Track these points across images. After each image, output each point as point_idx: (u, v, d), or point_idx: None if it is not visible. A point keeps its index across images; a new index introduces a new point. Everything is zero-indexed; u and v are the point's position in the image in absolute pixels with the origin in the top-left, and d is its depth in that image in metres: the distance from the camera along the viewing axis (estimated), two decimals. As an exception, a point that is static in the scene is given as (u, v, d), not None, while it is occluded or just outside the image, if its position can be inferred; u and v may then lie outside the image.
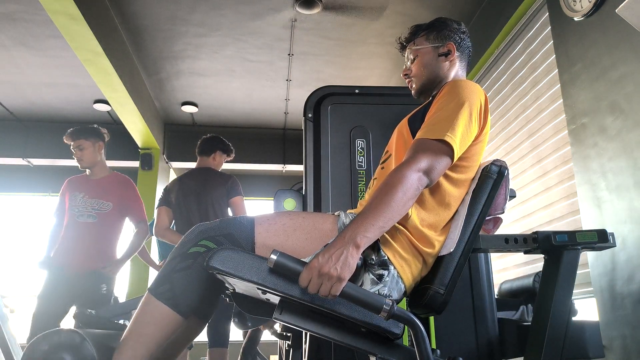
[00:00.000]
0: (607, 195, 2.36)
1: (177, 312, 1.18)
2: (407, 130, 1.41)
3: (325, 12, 4.11)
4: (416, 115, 1.44)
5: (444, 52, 1.51)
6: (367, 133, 2.02)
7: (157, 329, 1.18)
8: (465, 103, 1.29)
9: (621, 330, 2.23)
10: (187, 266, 1.18)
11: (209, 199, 3.08)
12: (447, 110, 1.29)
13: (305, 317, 1.13)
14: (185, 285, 1.18)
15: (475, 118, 1.31)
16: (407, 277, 1.23)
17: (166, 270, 1.20)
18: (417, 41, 1.54)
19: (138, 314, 1.20)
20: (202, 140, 3.44)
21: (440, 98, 1.34)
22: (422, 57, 1.52)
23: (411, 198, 1.17)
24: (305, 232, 1.24)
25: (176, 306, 1.17)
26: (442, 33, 1.52)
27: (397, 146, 1.43)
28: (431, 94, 1.53)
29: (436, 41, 1.52)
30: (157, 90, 5.64)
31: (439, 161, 1.22)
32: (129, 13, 4.20)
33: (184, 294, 1.18)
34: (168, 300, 1.17)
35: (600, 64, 2.47)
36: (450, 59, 1.51)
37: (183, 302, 1.18)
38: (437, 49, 1.51)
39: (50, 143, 6.42)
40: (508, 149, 3.55)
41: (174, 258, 1.21)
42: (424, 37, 1.53)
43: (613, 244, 1.42)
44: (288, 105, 6.04)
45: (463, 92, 1.32)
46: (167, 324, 1.18)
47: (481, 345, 1.74)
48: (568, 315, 1.36)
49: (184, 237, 1.23)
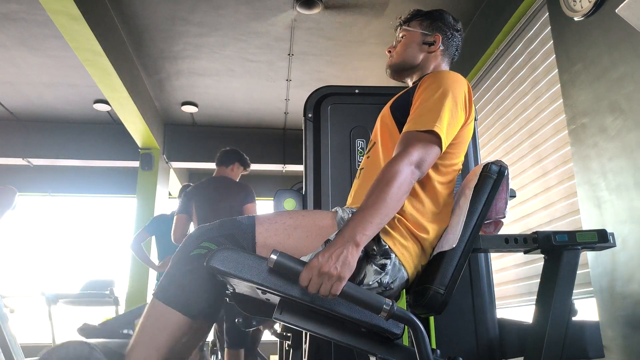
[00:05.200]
0: (607, 195, 2.36)
1: (187, 315, 1.17)
2: (390, 119, 1.44)
3: (325, 12, 4.11)
4: (398, 103, 1.46)
5: (428, 41, 1.54)
6: (367, 133, 2.02)
7: (167, 333, 1.17)
8: (449, 92, 1.32)
9: (621, 331, 2.23)
10: (191, 269, 1.17)
11: (227, 206, 3.25)
12: (432, 101, 1.31)
13: (305, 317, 1.13)
14: (191, 288, 1.17)
15: (461, 107, 1.34)
16: (409, 264, 1.24)
17: (171, 274, 1.20)
18: (411, 24, 1.59)
19: (145, 320, 1.19)
20: (222, 152, 3.61)
21: (424, 90, 1.36)
22: (408, 38, 1.57)
23: (406, 192, 1.19)
24: (306, 229, 1.24)
25: (186, 309, 1.17)
26: (435, 23, 1.56)
27: (382, 135, 1.45)
28: (403, 76, 1.58)
29: (427, 29, 1.56)
30: (157, 90, 5.64)
31: (429, 152, 1.25)
32: (129, 13, 4.20)
33: (192, 297, 1.17)
34: (177, 305, 1.17)
35: (600, 64, 2.47)
36: (433, 49, 1.54)
37: (192, 304, 1.17)
38: (424, 36, 1.55)
39: (50, 143, 6.43)
40: (508, 149, 3.54)
41: (177, 262, 1.21)
42: (418, 22, 1.58)
43: (613, 244, 1.42)
44: (288, 105, 6.04)
45: (446, 82, 1.34)
46: (177, 328, 1.17)
47: (481, 345, 1.74)
48: (568, 315, 1.36)
49: (186, 240, 1.22)
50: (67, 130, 6.46)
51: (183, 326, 1.18)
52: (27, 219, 7.33)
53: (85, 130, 6.46)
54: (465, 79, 1.40)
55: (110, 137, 6.48)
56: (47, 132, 6.43)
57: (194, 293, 1.18)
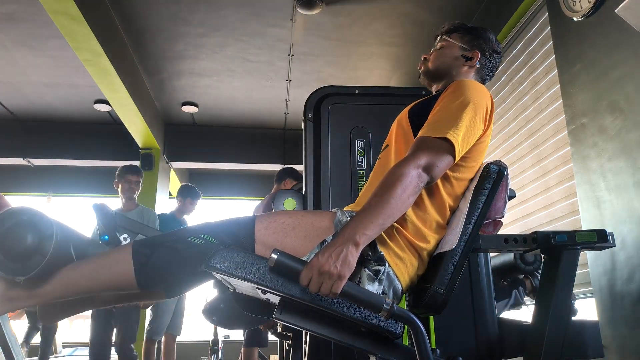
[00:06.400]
0: (607, 195, 2.36)
1: (136, 279, 1.17)
2: (407, 122, 1.41)
3: (325, 12, 4.11)
4: (417, 108, 1.43)
5: (467, 56, 1.51)
6: (367, 133, 2.02)
7: (112, 278, 1.19)
8: (470, 103, 1.28)
9: (621, 330, 2.23)
10: (177, 248, 1.18)
11: None
12: (452, 108, 1.28)
13: (305, 317, 1.13)
14: (161, 262, 1.18)
15: (480, 119, 1.30)
16: (404, 276, 1.23)
17: (158, 239, 1.21)
18: (452, 35, 1.56)
19: (109, 253, 1.22)
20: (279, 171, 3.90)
21: (446, 96, 1.34)
22: (446, 49, 1.54)
23: (411, 195, 1.17)
24: (304, 229, 1.24)
25: (139, 273, 1.17)
26: (476, 41, 1.54)
27: (397, 138, 1.42)
28: (434, 83, 1.54)
29: (467, 44, 1.53)
30: (158, 90, 5.64)
31: (440, 159, 1.22)
32: (129, 13, 4.20)
33: (154, 269, 1.18)
34: (136, 264, 1.17)
35: (600, 64, 2.47)
36: (470, 64, 1.51)
37: (147, 274, 1.18)
38: (463, 50, 1.52)
39: (50, 143, 6.43)
40: (508, 149, 3.55)
41: (171, 234, 1.22)
42: (460, 35, 1.55)
43: (612, 244, 1.42)
44: (288, 105, 6.04)
45: (469, 91, 1.31)
46: (122, 281, 1.19)
47: (481, 345, 1.74)
48: (568, 315, 1.36)
49: (190, 226, 1.25)
50: (67, 130, 6.46)
51: (129, 283, 1.18)
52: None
53: (85, 130, 6.46)
54: (489, 92, 1.38)
55: (111, 137, 6.48)
56: (47, 132, 6.43)
57: (157, 268, 1.18)
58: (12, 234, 1.18)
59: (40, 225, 1.21)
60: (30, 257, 1.17)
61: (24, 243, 1.17)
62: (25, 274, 1.16)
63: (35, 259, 1.17)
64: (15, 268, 1.17)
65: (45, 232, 1.20)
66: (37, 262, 1.17)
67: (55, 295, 1.21)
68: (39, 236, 1.19)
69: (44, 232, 1.20)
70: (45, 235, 1.20)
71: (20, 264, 1.17)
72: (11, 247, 1.17)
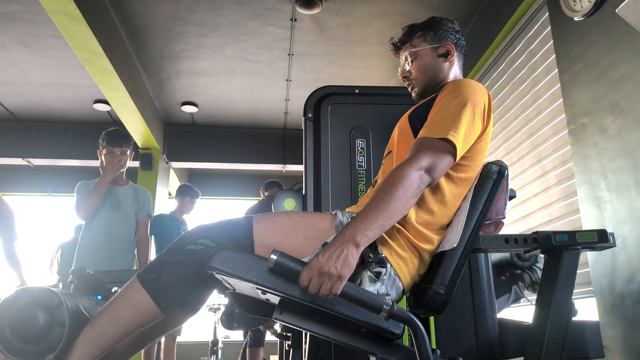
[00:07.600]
0: (607, 195, 2.36)
1: (157, 304, 1.17)
2: (408, 127, 1.40)
3: (325, 12, 4.11)
4: (417, 112, 1.42)
5: (443, 53, 1.49)
6: (367, 133, 2.02)
7: (134, 314, 1.18)
8: (468, 102, 1.28)
9: (621, 330, 2.23)
10: (179, 261, 1.17)
11: None
12: (450, 108, 1.28)
13: (305, 317, 1.13)
14: (171, 280, 1.17)
15: (479, 117, 1.30)
16: (405, 276, 1.23)
17: (159, 260, 1.20)
18: (413, 42, 1.51)
19: (119, 295, 1.20)
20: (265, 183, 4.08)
21: (443, 97, 1.33)
22: (421, 59, 1.49)
23: (412, 196, 1.16)
24: (303, 231, 1.24)
25: (156, 298, 1.17)
26: (439, 33, 1.50)
27: (399, 143, 1.42)
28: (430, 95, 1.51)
29: (434, 42, 1.49)
30: (157, 90, 5.64)
31: (441, 159, 1.21)
32: (129, 13, 4.20)
33: (168, 288, 1.17)
34: (150, 290, 1.17)
35: (600, 64, 2.47)
36: (450, 59, 1.49)
37: (164, 295, 1.17)
38: (436, 49, 1.49)
39: (50, 143, 6.43)
40: (508, 149, 3.55)
41: (169, 250, 1.21)
42: (421, 38, 1.51)
43: (613, 244, 1.41)
44: (288, 105, 6.04)
45: (466, 90, 1.31)
46: (145, 313, 1.18)
47: (481, 345, 1.73)
48: (568, 315, 1.36)
49: (185, 233, 1.23)
50: (67, 130, 6.46)
51: (151, 313, 1.18)
52: (27, 219, 7.33)
53: (85, 130, 6.45)
54: (486, 89, 1.37)
55: (110, 137, 6.46)
56: (47, 132, 6.42)
57: (171, 285, 1.17)
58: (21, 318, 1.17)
59: (45, 300, 1.20)
60: (48, 332, 1.16)
61: (37, 322, 1.16)
62: (52, 351, 1.15)
63: (54, 333, 1.16)
64: (39, 349, 1.15)
65: (53, 304, 1.19)
66: (59, 334, 1.16)
67: (90, 356, 1.18)
68: (48, 310, 1.18)
69: (52, 304, 1.19)
70: (54, 306, 1.19)
71: (43, 343, 1.15)
72: (26, 332, 1.15)
